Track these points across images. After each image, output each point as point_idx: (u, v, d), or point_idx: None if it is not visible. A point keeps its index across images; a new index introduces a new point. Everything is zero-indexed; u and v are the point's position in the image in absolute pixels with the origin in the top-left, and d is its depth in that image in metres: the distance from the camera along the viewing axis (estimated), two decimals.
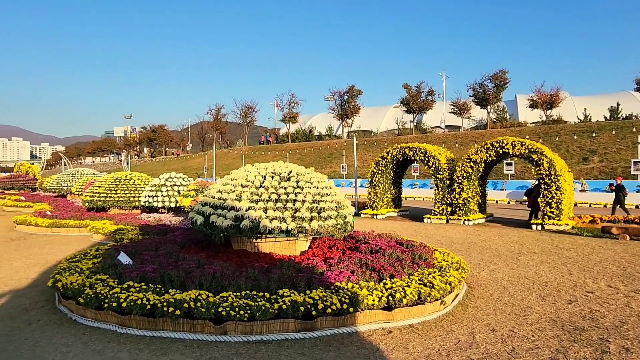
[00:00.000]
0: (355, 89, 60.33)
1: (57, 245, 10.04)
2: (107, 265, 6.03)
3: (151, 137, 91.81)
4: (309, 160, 47.86)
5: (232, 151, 68.77)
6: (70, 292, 5.18)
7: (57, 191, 23.87)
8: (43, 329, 4.71)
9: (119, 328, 4.64)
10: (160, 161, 78.56)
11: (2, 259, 8.41)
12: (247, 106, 73.67)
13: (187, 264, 5.72)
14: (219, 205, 7.00)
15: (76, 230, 12.07)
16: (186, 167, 59.17)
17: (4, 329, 4.68)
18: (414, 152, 16.00)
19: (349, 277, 5.31)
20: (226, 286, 5.06)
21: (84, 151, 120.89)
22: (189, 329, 4.51)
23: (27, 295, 6.00)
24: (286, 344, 4.30)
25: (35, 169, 38.30)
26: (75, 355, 4.04)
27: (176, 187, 12.96)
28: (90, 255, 6.92)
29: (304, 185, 7.22)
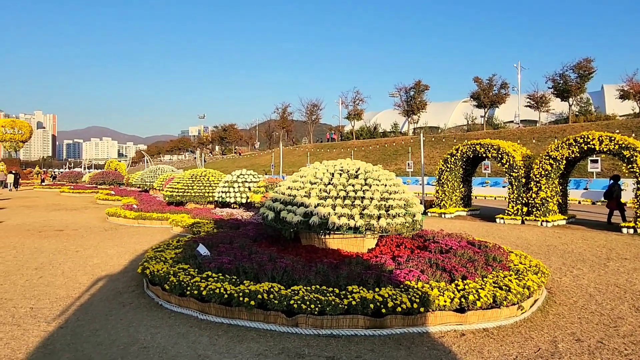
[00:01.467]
0: (421, 84, 58.72)
1: (142, 236, 10.96)
2: (187, 255, 6.49)
3: (222, 136, 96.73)
4: (374, 158, 47.49)
5: (297, 149, 70.27)
6: (157, 279, 5.65)
7: (141, 186, 26.02)
8: (135, 311, 5.20)
9: (200, 314, 4.99)
10: (230, 158, 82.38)
11: (99, 247, 9.37)
12: (313, 104, 74.83)
13: (260, 258, 5.97)
14: (288, 202, 7.22)
15: (158, 222, 13.08)
16: (254, 165, 61.52)
17: (103, 309, 5.24)
18: (485, 148, 15.24)
19: (418, 277, 5.22)
20: (297, 280, 5.21)
21: (163, 149, 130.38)
22: (263, 319, 4.72)
23: (120, 280, 6.64)
24: (355, 340, 4.35)
25: (122, 166, 42.07)
26: (162, 336, 4.41)
27: (247, 184, 13.55)
28: (172, 246, 7.48)
29: (372, 183, 7.21)
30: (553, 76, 46.27)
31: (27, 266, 7.48)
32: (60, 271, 7.14)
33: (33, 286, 6.23)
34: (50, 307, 5.31)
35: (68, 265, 7.55)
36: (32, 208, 18.64)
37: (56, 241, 10.09)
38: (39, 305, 5.37)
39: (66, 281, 6.52)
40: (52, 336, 4.39)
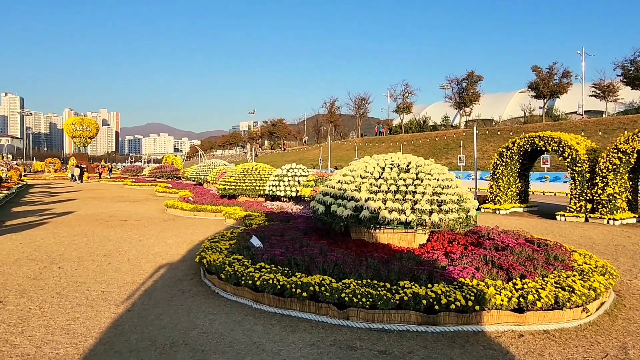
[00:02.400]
0: (474, 75, 56.42)
1: (198, 227, 11.48)
2: (241, 246, 6.73)
3: (271, 131, 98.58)
4: (423, 152, 46.40)
5: (345, 143, 70.20)
6: (213, 269, 5.91)
7: (196, 180, 27.20)
8: (193, 298, 5.48)
9: (254, 303, 5.16)
10: (279, 153, 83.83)
11: (159, 237, 9.94)
12: (361, 98, 74.30)
13: (311, 250, 6.07)
14: (339, 196, 7.26)
15: (212, 214, 13.63)
16: (302, 159, 62.21)
17: (165, 295, 5.57)
18: (545, 141, 14.41)
19: (473, 274, 5.07)
20: (347, 274, 5.25)
21: (215, 144, 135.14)
22: (314, 311, 4.81)
23: (179, 268, 7.01)
24: (407, 335, 4.31)
25: (178, 161, 44.20)
26: (220, 323, 4.62)
27: (296, 178, 13.76)
28: (226, 237, 7.78)
29: (424, 177, 7.07)
30: (622, 63, 42.74)
31: (97, 253, 8.09)
32: (126, 258, 7.66)
33: (103, 271, 6.74)
34: (119, 291, 5.72)
35: (133, 253, 8.08)
36: (99, 199, 20.08)
37: (121, 230, 10.82)
38: (108, 289, 5.81)
39: (131, 268, 6.99)
40: (121, 318, 4.74)
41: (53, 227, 11.28)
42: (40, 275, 6.42)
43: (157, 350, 3.94)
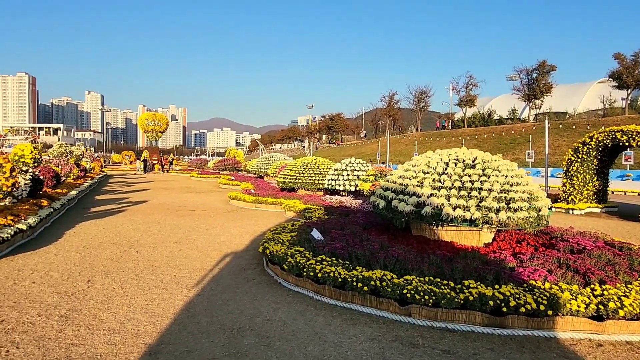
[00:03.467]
0: (547, 65, 52.66)
1: (260, 219, 11.88)
2: (302, 239, 6.87)
3: (329, 125, 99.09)
4: (487, 147, 44.23)
5: (404, 137, 68.84)
6: (276, 259, 6.10)
7: (257, 173, 28.10)
8: (257, 286, 5.70)
9: (315, 295, 5.27)
10: (337, 147, 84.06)
11: (224, 227, 10.43)
12: (421, 91, 72.30)
13: (371, 245, 6.06)
14: (400, 191, 7.16)
15: (273, 206, 14.03)
16: (360, 153, 61.95)
17: (231, 282, 5.85)
18: (629, 136, 13.15)
19: (545, 277, 4.79)
20: (409, 270, 5.18)
21: (274, 138, 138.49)
22: (375, 306, 4.80)
23: (244, 257, 7.31)
24: (472, 336, 4.18)
25: (240, 154, 45.89)
26: (283, 312, 4.77)
27: (356, 172, 13.75)
28: (287, 229, 7.98)
29: (491, 174, 6.77)
30: None
31: (169, 240, 8.67)
32: (195, 246, 8.13)
33: (175, 257, 7.21)
34: (189, 276, 6.10)
35: (200, 241, 8.56)
36: (169, 190, 21.43)
37: (190, 219, 11.49)
38: (180, 274, 6.21)
39: (200, 255, 7.41)
40: (192, 301, 5.05)
41: (130, 214, 12.24)
42: (121, 258, 7.02)
43: (226, 333, 4.16)
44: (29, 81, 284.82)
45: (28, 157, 12.21)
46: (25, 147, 12.80)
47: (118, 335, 4.07)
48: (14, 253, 7.16)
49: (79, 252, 7.36)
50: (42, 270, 6.17)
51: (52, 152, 23.69)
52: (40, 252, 7.34)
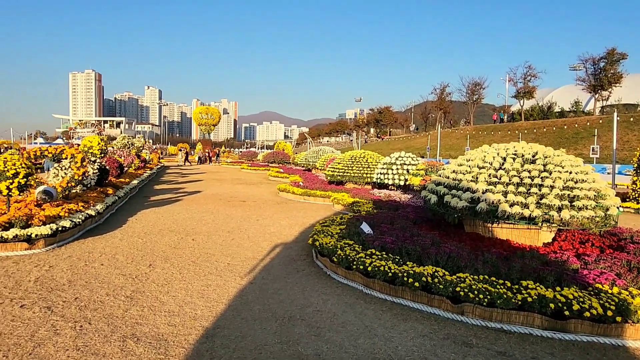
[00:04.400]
0: (616, 53, 48.56)
1: (308, 211, 12.01)
2: (351, 232, 6.88)
3: (377, 118, 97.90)
4: (547, 141, 41.74)
5: (455, 131, 66.60)
6: (325, 251, 6.15)
7: (305, 165, 28.39)
8: (307, 277, 5.79)
9: (364, 288, 5.26)
10: (385, 141, 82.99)
11: (273, 218, 10.66)
12: (474, 83, 69.39)
13: (422, 241, 5.94)
14: (453, 186, 6.95)
15: (321, 199, 14.14)
16: (409, 147, 60.75)
17: (281, 272, 5.98)
18: None
19: (613, 281, 4.47)
20: (462, 267, 5.04)
21: (322, 131, 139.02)
22: (426, 302, 4.72)
23: (293, 248, 7.44)
24: (530, 339, 4.00)
25: (288, 147, 46.55)
26: (332, 304, 4.81)
27: (405, 166, 13.51)
28: (336, 222, 8.02)
29: (553, 169, 6.40)
30: None
31: (222, 229, 9.00)
32: (246, 235, 8.39)
33: (228, 246, 7.48)
34: (242, 264, 6.31)
35: (252, 231, 8.81)
36: (221, 181, 22.21)
37: (241, 210, 11.85)
38: (233, 262, 6.44)
39: (251, 244, 7.63)
40: (245, 289, 5.23)
41: (186, 204, 12.83)
42: (178, 245, 7.39)
43: (277, 322, 4.27)
44: (96, 77, 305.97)
45: (96, 149, 13.12)
46: (93, 139, 13.77)
47: (177, 317, 4.30)
48: (84, 237, 7.75)
49: (141, 238, 7.83)
50: (109, 254, 6.64)
51: (116, 144, 25.32)
52: (107, 236, 7.89)
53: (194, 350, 3.63)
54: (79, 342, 3.69)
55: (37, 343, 3.64)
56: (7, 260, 6.09)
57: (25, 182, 7.56)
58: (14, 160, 7.51)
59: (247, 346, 3.73)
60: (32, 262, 6.01)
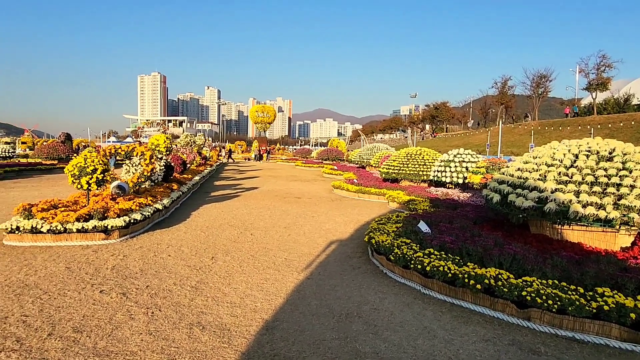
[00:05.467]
0: None
1: (363, 209, 11.96)
2: (408, 230, 6.75)
3: (433, 114, 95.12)
4: (624, 137, 38.29)
5: (518, 126, 63.05)
6: (382, 249, 6.10)
7: (359, 163, 28.28)
8: (363, 275, 5.77)
9: (422, 288, 5.16)
10: (442, 138, 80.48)
11: (328, 215, 10.73)
12: (540, 75, 65.15)
13: (484, 241, 5.70)
14: (518, 185, 6.60)
15: (375, 197, 14.01)
16: (467, 144, 58.45)
17: (337, 269, 6.02)
18: None
19: None
20: (528, 271, 4.77)
21: (376, 128, 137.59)
22: (489, 305, 4.53)
23: (348, 245, 7.45)
24: (607, 351, 3.71)
25: (342, 144, 46.59)
26: (389, 302, 4.76)
27: (464, 164, 13.01)
28: (392, 220, 7.91)
29: (633, 168, 5.86)
30: None
31: (279, 225, 9.21)
32: (302, 231, 8.52)
33: (284, 241, 7.65)
34: (298, 260, 6.42)
35: (307, 228, 8.93)
36: (276, 178, 22.72)
37: (297, 206, 12.06)
38: (290, 257, 6.57)
39: (307, 240, 7.74)
40: (302, 284, 5.32)
41: (244, 199, 13.27)
42: (238, 239, 7.67)
43: (335, 318, 4.30)
44: (161, 79, 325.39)
45: (162, 147, 13.94)
46: (160, 137, 14.64)
47: (239, 308, 4.47)
48: (152, 229, 8.28)
49: (203, 232, 8.22)
50: (175, 245, 7.04)
51: (180, 141, 26.76)
52: (173, 229, 8.37)
53: (255, 341, 3.76)
54: (151, 327, 3.96)
55: (115, 326, 3.95)
56: (87, 249, 6.66)
57: (102, 177, 8.20)
58: (93, 158, 8.18)
59: (305, 340, 3.80)
60: (108, 251, 6.52)
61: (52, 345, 3.55)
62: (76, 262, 5.88)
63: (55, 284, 5.01)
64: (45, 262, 5.86)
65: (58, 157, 27.08)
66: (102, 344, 3.61)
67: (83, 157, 8.18)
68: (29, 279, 5.15)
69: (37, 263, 5.79)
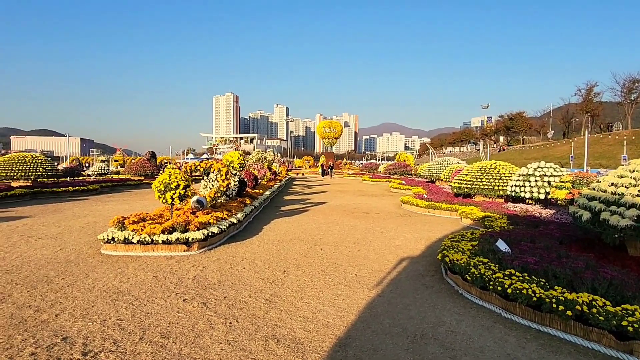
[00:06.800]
0: None
1: (434, 225, 11.57)
2: (485, 249, 6.40)
3: (508, 125, 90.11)
4: None
5: (607, 136, 57.47)
6: (457, 268, 5.83)
7: (428, 177, 27.50)
8: (437, 294, 5.55)
9: (503, 312, 4.83)
10: (518, 150, 75.78)
11: (398, 230, 10.53)
12: (633, 80, 59.20)
13: (574, 263, 5.23)
14: (612, 201, 6.00)
15: (447, 212, 13.49)
16: (546, 156, 54.42)
17: (409, 287, 5.85)
18: None
19: None
20: (629, 298, 4.28)
21: (445, 141, 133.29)
22: (581, 334, 4.12)
23: (420, 263, 7.23)
24: None
25: (410, 158, 45.67)
26: (467, 325, 4.52)
27: (546, 178, 12.09)
28: (467, 238, 7.55)
29: None
30: None
31: (348, 240, 9.21)
32: (372, 247, 8.44)
33: (354, 257, 7.62)
34: (369, 276, 6.35)
35: (377, 244, 8.83)
36: (343, 193, 22.82)
37: (365, 221, 11.98)
38: (360, 273, 6.53)
39: (377, 257, 7.64)
40: (374, 302, 5.24)
41: (313, 214, 13.48)
42: (308, 254, 7.78)
43: (409, 338, 4.17)
44: (234, 99, 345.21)
45: (236, 163, 14.68)
46: (234, 154, 15.44)
47: (311, 323, 4.52)
48: (228, 242, 8.69)
49: (275, 245, 8.46)
50: (249, 259, 7.32)
51: (251, 158, 27.99)
52: (247, 242, 8.72)
53: (328, 357, 3.76)
54: (229, 337, 4.13)
55: (197, 334, 4.18)
56: (171, 259, 7.16)
57: (184, 192, 8.82)
58: (176, 174, 8.84)
59: None
60: (189, 262, 6.96)
61: (144, 348, 3.84)
62: (162, 272, 6.34)
63: (144, 291, 5.43)
64: (136, 270, 6.39)
65: (144, 174, 29.63)
66: (187, 350, 3.83)
67: (168, 173, 8.87)
68: (123, 285, 5.65)
69: (129, 271, 6.34)
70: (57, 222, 11.11)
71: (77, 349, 3.80)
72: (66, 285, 5.60)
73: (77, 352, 3.75)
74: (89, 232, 9.64)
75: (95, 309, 4.76)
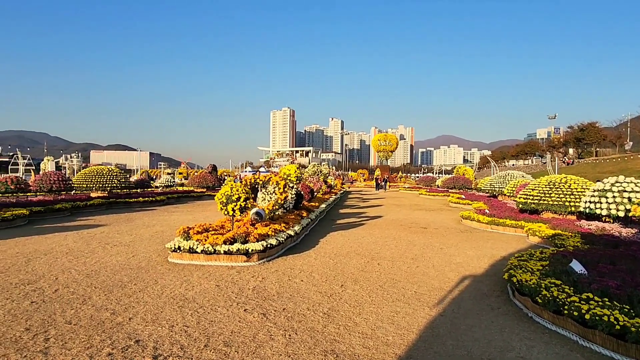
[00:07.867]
0: None
1: (497, 242, 10.98)
2: (557, 270, 5.95)
3: (578, 137, 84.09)
4: None
5: None
6: (526, 289, 5.47)
7: (490, 192, 26.26)
8: (504, 317, 5.24)
9: (580, 339, 4.45)
10: (590, 163, 70.33)
11: (458, 247, 10.11)
12: None
13: None
14: None
15: (511, 229, 12.76)
16: (624, 170, 49.97)
17: (473, 308, 5.57)
18: None
19: None
20: None
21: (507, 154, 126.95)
22: None
23: (483, 282, 6.87)
24: None
25: (469, 172, 43.91)
26: (539, 352, 4.21)
27: (625, 194, 11.06)
28: (536, 257, 7.08)
29: None
30: None
31: (406, 255, 8.99)
32: (431, 264, 8.17)
33: (413, 273, 7.41)
34: (429, 294, 6.14)
35: (436, 260, 8.53)
36: (400, 207, 22.40)
37: (423, 237, 11.65)
38: (420, 290, 6.33)
39: (437, 274, 7.38)
40: (435, 321, 5.05)
41: (369, 228, 13.34)
42: (365, 268, 7.69)
43: None
44: (290, 114, 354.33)
45: (293, 176, 14.96)
46: (291, 167, 15.76)
47: (371, 340, 4.43)
48: (285, 254, 8.82)
49: (332, 259, 8.46)
50: (306, 271, 7.38)
51: (307, 171, 28.41)
52: (304, 255, 8.80)
53: None
54: (289, 349, 4.17)
55: (258, 344, 4.26)
56: (232, 269, 7.40)
57: (245, 204, 9.12)
58: (238, 187, 9.18)
59: None
60: (249, 273, 7.15)
61: (208, 356, 3.98)
62: (224, 281, 6.57)
63: (208, 299, 5.65)
64: (200, 279, 6.68)
65: (206, 186, 31.10)
66: None
67: (230, 186, 9.23)
68: (188, 293, 5.92)
69: (194, 279, 6.63)
70: (130, 230, 11.94)
71: (148, 352, 4.02)
72: (138, 291, 5.97)
73: (148, 355, 3.97)
74: (157, 240, 10.24)
75: (164, 315, 5.02)
